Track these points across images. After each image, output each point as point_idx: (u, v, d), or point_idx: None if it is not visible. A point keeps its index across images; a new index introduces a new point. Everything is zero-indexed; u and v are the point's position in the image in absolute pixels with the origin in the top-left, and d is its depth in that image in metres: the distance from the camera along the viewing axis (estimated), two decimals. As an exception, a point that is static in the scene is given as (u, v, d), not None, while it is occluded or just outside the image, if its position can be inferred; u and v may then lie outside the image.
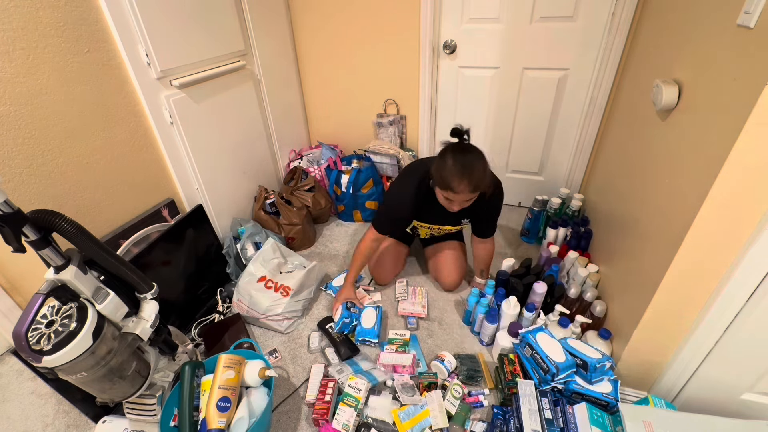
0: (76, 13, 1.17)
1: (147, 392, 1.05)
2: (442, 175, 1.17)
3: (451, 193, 1.18)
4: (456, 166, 1.15)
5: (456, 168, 1.15)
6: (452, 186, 1.16)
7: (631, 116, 1.46)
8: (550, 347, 1.16)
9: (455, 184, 1.15)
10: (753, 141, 0.73)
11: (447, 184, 1.17)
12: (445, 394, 1.18)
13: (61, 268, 0.83)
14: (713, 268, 0.90)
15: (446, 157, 1.17)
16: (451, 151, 1.18)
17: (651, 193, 1.13)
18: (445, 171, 1.16)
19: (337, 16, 2.02)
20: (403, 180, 1.43)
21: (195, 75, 1.54)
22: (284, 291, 1.50)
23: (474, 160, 1.17)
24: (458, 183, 1.15)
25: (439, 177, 1.19)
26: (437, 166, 1.20)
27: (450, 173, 1.15)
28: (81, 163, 1.25)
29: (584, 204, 1.89)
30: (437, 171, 1.20)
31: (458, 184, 1.15)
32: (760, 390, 1.05)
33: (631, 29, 1.60)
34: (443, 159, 1.18)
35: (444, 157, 1.18)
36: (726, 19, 0.84)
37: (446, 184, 1.17)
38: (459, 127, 1.20)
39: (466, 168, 1.15)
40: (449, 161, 1.16)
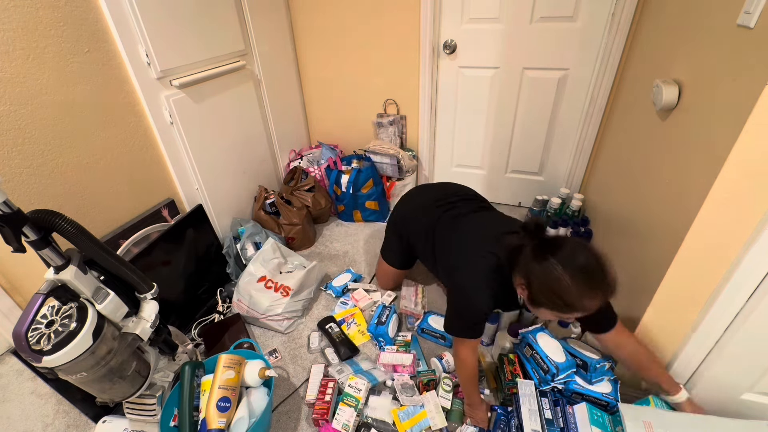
0: (76, 13, 1.17)
1: (147, 392, 1.05)
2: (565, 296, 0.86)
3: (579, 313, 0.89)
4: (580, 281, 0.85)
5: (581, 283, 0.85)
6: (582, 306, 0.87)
7: (631, 116, 1.46)
8: (550, 347, 1.16)
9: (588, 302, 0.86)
10: (753, 141, 0.73)
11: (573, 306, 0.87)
12: (438, 391, 1.19)
13: (61, 268, 0.83)
14: (713, 268, 0.90)
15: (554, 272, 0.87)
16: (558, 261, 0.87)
17: (651, 193, 1.13)
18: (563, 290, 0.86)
19: (337, 16, 2.02)
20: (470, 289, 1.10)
21: (195, 75, 1.54)
22: (284, 291, 1.50)
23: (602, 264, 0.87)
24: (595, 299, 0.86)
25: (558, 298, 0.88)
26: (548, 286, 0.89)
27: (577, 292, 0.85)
28: (81, 163, 1.25)
29: (584, 204, 1.89)
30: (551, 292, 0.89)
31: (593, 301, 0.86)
32: (760, 390, 1.05)
33: (631, 29, 1.60)
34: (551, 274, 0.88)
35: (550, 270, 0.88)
36: (726, 19, 0.84)
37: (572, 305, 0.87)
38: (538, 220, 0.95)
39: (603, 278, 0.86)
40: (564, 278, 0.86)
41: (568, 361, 1.12)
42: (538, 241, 0.93)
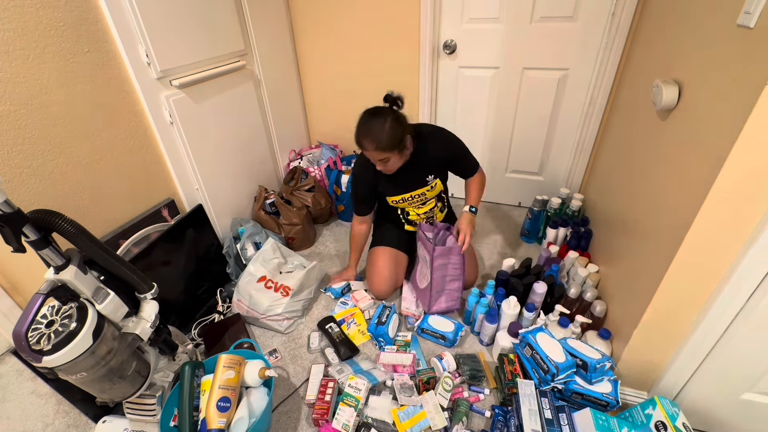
0: (76, 13, 1.17)
1: (147, 392, 1.05)
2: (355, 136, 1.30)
3: (366, 152, 1.32)
4: (359, 128, 1.29)
5: (359, 130, 1.29)
6: (361, 145, 1.29)
7: (631, 116, 1.46)
8: (550, 347, 1.17)
9: (362, 144, 1.29)
10: (753, 141, 0.73)
11: (359, 145, 1.30)
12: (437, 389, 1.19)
13: (61, 268, 0.83)
14: (713, 268, 0.90)
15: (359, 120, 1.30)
16: (363, 113, 1.31)
17: (651, 193, 1.13)
18: (356, 133, 1.30)
19: (337, 16, 2.02)
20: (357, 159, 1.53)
21: (195, 75, 1.54)
22: (284, 291, 1.50)
23: (374, 120, 1.27)
24: (363, 140, 1.28)
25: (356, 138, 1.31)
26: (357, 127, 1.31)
27: (357, 135, 1.29)
28: (81, 163, 1.25)
29: (584, 204, 1.89)
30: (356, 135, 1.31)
31: (363, 142, 1.28)
32: (760, 390, 1.04)
33: (631, 29, 1.60)
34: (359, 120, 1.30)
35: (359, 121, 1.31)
36: (726, 19, 0.84)
37: (358, 144, 1.30)
38: (390, 93, 1.33)
39: (368, 127, 1.27)
40: (358, 123, 1.30)
41: (569, 361, 1.12)
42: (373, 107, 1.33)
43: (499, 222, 2.16)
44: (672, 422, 0.99)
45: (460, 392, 1.24)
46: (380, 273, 1.59)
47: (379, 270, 1.59)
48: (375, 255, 1.62)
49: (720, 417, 1.12)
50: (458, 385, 1.26)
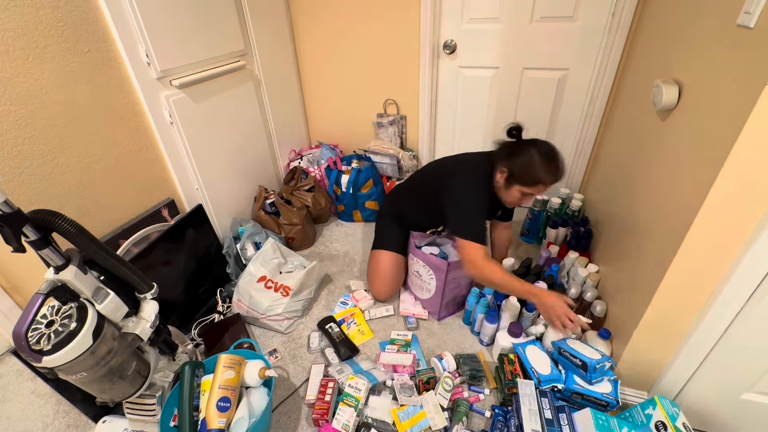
0: (76, 13, 1.17)
1: (147, 392, 1.05)
2: (533, 172, 1.21)
3: (541, 187, 1.24)
4: (558, 164, 1.22)
5: (558, 165, 1.22)
6: (546, 180, 1.21)
7: (631, 116, 1.46)
8: (537, 360, 1.20)
9: (550, 177, 1.21)
10: (753, 141, 0.73)
11: (538, 180, 1.22)
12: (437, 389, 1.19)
13: (61, 268, 0.83)
14: (713, 268, 0.90)
15: (530, 154, 1.22)
16: (533, 147, 1.23)
17: (651, 193, 1.13)
18: (535, 167, 1.21)
19: (337, 16, 2.02)
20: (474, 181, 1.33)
21: (195, 75, 1.54)
22: (284, 291, 1.50)
23: (554, 147, 1.24)
24: (553, 176, 1.22)
25: (529, 174, 1.22)
26: (525, 165, 1.23)
27: (543, 168, 1.20)
28: (81, 163, 1.25)
29: (584, 204, 1.89)
30: (526, 169, 1.23)
31: (553, 177, 1.22)
32: (760, 390, 1.05)
33: (631, 29, 1.60)
34: (528, 156, 1.22)
35: (527, 153, 1.22)
36: (726, 19, 0.84)
37: (537, 179, 1.22)
38: (517, 124, 1.29)
39: (555, 158, 1.22)
40: (536, 157, 1.21)
41: (553, 375, 1.15)
42: (518, 139, 1.29)
43: (499, 222, 2.16)
44: (672, 422, 0.99)
45: (460, 392, 1.24)
46: (382, 276, 1.58)
47: (381, 273, 1.59)
48: (377, 257, 1.61)
49: (720, 417, 1.12)
50: (458, 385, 1.26)
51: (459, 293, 1.50)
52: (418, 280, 1.52)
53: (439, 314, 1.51)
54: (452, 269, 1.38)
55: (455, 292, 1.48)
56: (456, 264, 1.38)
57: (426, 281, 1.48)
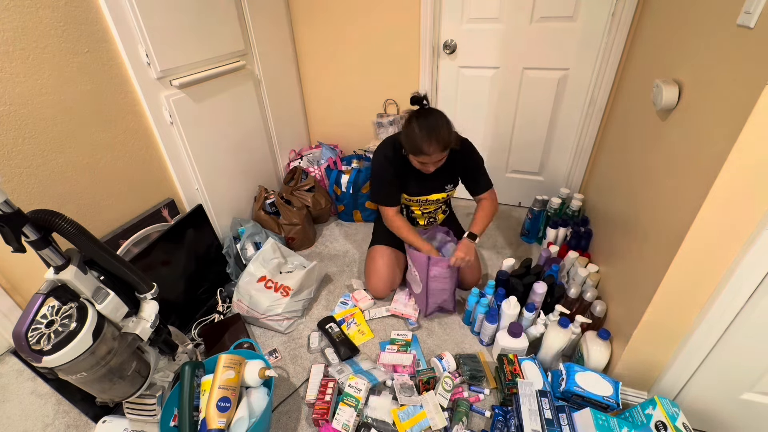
0: (76, 13, 1.17)
1: (147, 392, 1.05)
2: (413, 142, 1.26)
3: (423, 156, 1.27)
4: (423, 130, 1.24)
5: (423, 131, 1.24)
6: (423, 149, 1.25)
7: (631, 116, 1.46)
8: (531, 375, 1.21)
9: (425, 147, 1.24)
10: (753, 141, 0.73)
11: (418, 149, 1.26)
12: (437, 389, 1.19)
13: (61, 268, 0.83)
14: (713, 268, 0.90)
15: (412, 124, 1.27)
16: (415, 117, 1.27)
17: (651, 193, 1.13)
18: (414, 136, 1.26)
19: (337, 16, 2.02)
20: (379, 152, 1.47)
21: (195, 75, 1.54)
22: (284, 291, 1.50)
23: (437, 120, 1.26)
24: (428, 145, 1.24)
25: (409, 144, 1.29)
26: (405, 134, 1.29)
27: (419, 138, 1.24)
28: (81, 163, 1.25)
29: (584, 204, 1.89)
30: (406, 139, 1.29)
31: (428, 146, 1.24)
32: (760, 390, 1.05)
33: (631, 29, 1.60)
34: (409, 126, 1.27)
35: (410, 124, 1.28)
36: (726, 19, 0.84)
37: (417, 148, 1.26)
38: (417, 94, 1.30)
39: (432, 129, 1.24)
40: (415, 127, 1.25)
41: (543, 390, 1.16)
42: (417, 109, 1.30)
43: (499, 222, 2.16)
44: (672, 422, 0.99)
45: (460, 392, 1.24)
46: (379, 272, 1.58)
47: (377, 269, 1.59)
48: (374, 254, 1.62)
49: (720, 417, 1.12)
50: (458, 385, 1.26)
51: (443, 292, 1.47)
52: (410, 275, 1.54)
53: (426, 310, 1.51)
54: (433, 264, 1.38)
55: (439, 292, 1.46)
56: (438, 261, 1.38)
57: (415, 275, 1.49)
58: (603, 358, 1.19)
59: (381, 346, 1.43)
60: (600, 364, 1.20)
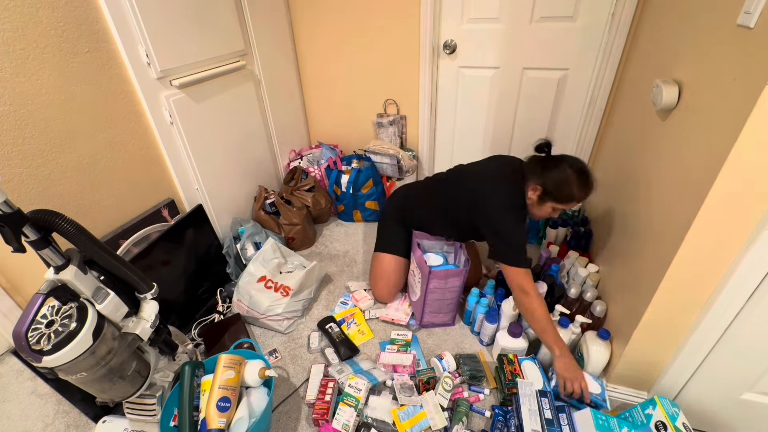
0: (76, 13, 1.17)
1: (147, 392, 1.05)
2: (568, 189, 1.22)
3: (574, 203, 1.25)
4: (591, 181, 1.22)
5: (591, 182, 1.22)
6: (580, 196, 1.23)
7: (631, 116, 1.46)
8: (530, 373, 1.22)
9: (584, 194, 1.23)
10: (753, 141, 0.73)
11: (573, 196, 1.22)
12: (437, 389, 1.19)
13: (61, 268, 0.83)
14: (713, 268, 0.90)
15: (565, 171, 1.22)
16: (566, 163, 1.23)
17: (651, 193, 1.13)
18: (570, 184, 1.21)
19: (337, 16, 2.02)
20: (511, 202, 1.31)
21: (195, 75, 1.54)
22: (284, 291, 1.50)
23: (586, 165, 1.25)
24: (587, 192, 1.23)
25: (564, 191, 1.22)
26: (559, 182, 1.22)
27: (577, 185, 1.21)
28: (81, 163, 1.25)
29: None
30: (560, 186, 1.22)
31: (587, 193, 1.23)
32: (761, 390, 1.05)
33: (631, 29, 1.60)
34: (562, 173, 1.22)
35: (562, 170, 1.22)
36: (726, 19, 0.84)
37: (572, 196, 1.22)
38: (546, 140, 1.29)
39: (590, 174, 1.23)
40: (571, 174, 1.21)
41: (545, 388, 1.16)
42: (548, 154, 1.29)
43: (499, 222, 2.16)
44: (672, 422, 0.99)
45: (460, 392, 1.24)
46: (385, 279, 1.57)
47: (384, 276, 1.57)
48: (381, 260, 1.59)
49: (720, 417, 1.12)
50: (458, 385, 1.26)
51: (442, 305, 1.43)
52: (412, 278, 1.51)
53: (421, 319, 1.48)
54: (434, 278, 1.33)
55: (438, 303, 1.43)
56: (440, 274, 1.33)
57: (416, 281, 1.46)
58: (603, 358, 1.19)
59: (381, 346, 1.43)
60: (600, 364, 1.20)
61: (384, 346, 1.41)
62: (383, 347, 1.41)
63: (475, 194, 1.34)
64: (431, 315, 1.47)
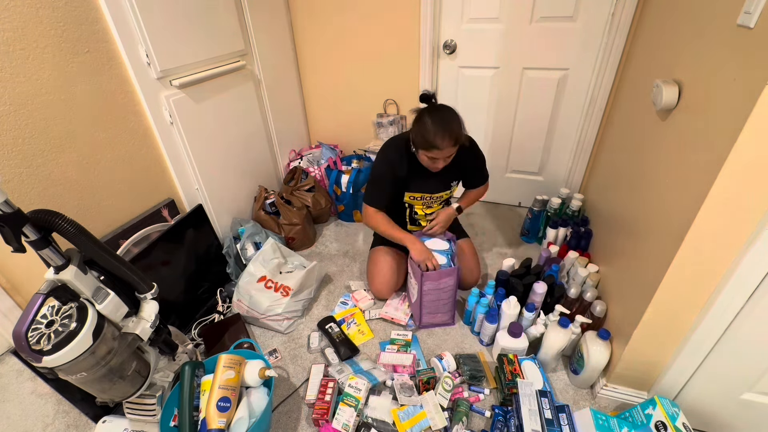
0: (76, 13, 1.17)
1: (147, 392, 1.05)
2: (424, 136, 1.24)
3: (435, 151, 1.25)
4: (435, 124, 1.23)
5: (436, 126, 1.22)
6: (436, 143, 1.23)
7: (631, 116, 1.46)
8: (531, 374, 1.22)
9: (438, 141, 1.23)
10: (753, 141, 0.73)
11: (430, 143, 1.24)
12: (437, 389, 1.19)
13: (61, 268, 0.83)
14: (713, 268, 0.90)
15: (424, 119, 1.25)
16: (427, 112, 1.26)
17: (651, 193, 1.13)
18: (426, 131, 1.24)
19: (337, 16, 2.02)
20: (383, 150, 1.45)
21: (195, 75, 1.54)
22: (284, 291, 1.50)
23: (449, 115, 1.25)
24: (441, 139, 1.22)
25: (420, 139, 1.26)
26: (417, 130, 1.27)
27: (431, 132, 1.23)
28: (81, 163, 1.25)
29: (584, 204, 1.89)
30: (418, 134, 1.27)
31: (441, 140, 1.23)
32: (760, 390, 1.04)
33: (631, 29, 1.60)
34: (421, 121, 1.25)
35: (422, 119, 1.26)
36: (726, 19, 0.84)
37: (429, 143, 1.24)
38: (426, 92, 1.30)
39: (445, 123, 1.23)
40: (428, 121, 1.23)
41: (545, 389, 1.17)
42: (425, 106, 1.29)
43: (499, 222, 2.17)
44: (672, 422, 0.99)
45: (460, 392, 1.24)
46: (382, 274, 1.58)
47: (381, 271, 1.58)
48: (377, 255, 1.61)
49: (720, 417, 1.12)
50: (458, 385, 1.26)
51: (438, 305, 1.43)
52: (411, 279, 1.51)
53: (420, 320, 1.48)
54: (427, 279, 1.34)
55: (434, 304, 1.43)
56: (432, 275, 1.34)
57: (412, 285, 1.47)
58: (603, 358, 1.19)
59: (381, 346, 1.43)
60: (600, 364, 1.20)
61: (384, 346, 1.41)
62: (383, 347, 1.41)
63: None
64: (429, 316, 1.47)
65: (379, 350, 1.41)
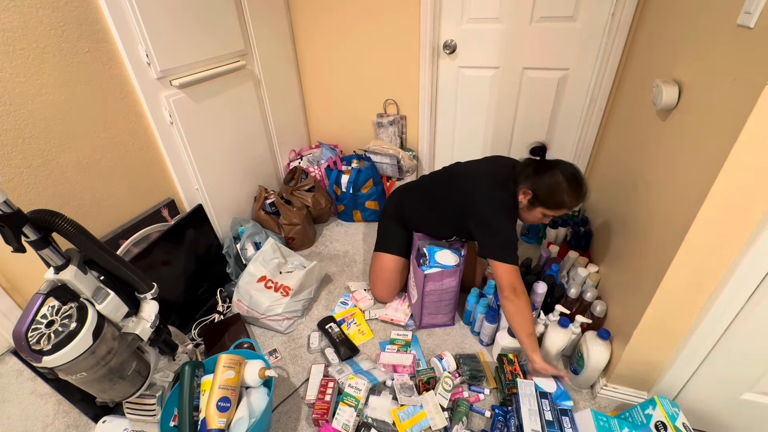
0: (76, 13, 1.17)
1: (147, 392, 1.05)
2: (561, 198, 1.20)
3: (564, 210, 1.24)
4: (583, 188, 1.20)
5: (573, 187, 1.19)
6: (570, 204, 1.21)
7: (631, 116, 1.46)
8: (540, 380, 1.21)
9: (574, 202, 1.21)
10: (753, 141, 0.73)
11: (562, 204, 1.21)
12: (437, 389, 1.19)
13: (61, 268, 0.83)
14: (713, 268, 0.90)
15: (556, 177, 1.20)
16: (558, 169, 1.21)
17: (651, 193, 1.13)
18: (561, 191, 1.19)
19: (337, 16, 2.02)
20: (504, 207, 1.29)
21: (195, 75, 1.54)
22: (284, 291, 1.51)
23: (581, 175, 1.23)
24: (577, 200, 1.21)
25: (554, 198, 1.21)
26: (550, 188, 1.20)
27: (569, 193, 1.19)
28: (81, 163, 1.25)
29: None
30: (551, 193, 1.21)
31: (577, 201, 1.21)
32: (761, 390, 1.04)
33: (631, 29, 1.60)
34: (553, 179, 1.20)
35: (553, 176, 1.20)
36: (726, 19, 0.84)
37: (562, 203, 1.21)
38: (537, 143, 1.27)
39: (582, 185, 1.21)
40: (562, 181, 1.19)
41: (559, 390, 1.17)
42: (541, 159, 1.27)
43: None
44: (672, 422, 0.99)
45: (460, 392, 1.24)
46: (385, 279, 1.58)
47: (384, 276, 1.58)
48: (381, 260, 1.59)
49: (720, 417, 1.12)
50: (458, 385, 1.26)
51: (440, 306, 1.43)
52: (412, 280, 1.51)
53: (420, 321, 1.48)
54: (429, 280, 1.33)
55: (435, 304, 1.42)
56: (435, 276, 1.33)
57: (412, 285, 1.46)
58: (603, 358, 1.19)
59: (381, 346, 1.43)
60: (600, 364, 1.20)
61: (384, 346, 1.41)
62: (383, 347, 1.41)
63: (468, 197, 1.32)
64: (430, 317, 1.47)
65: (379, 350, 1.41)
